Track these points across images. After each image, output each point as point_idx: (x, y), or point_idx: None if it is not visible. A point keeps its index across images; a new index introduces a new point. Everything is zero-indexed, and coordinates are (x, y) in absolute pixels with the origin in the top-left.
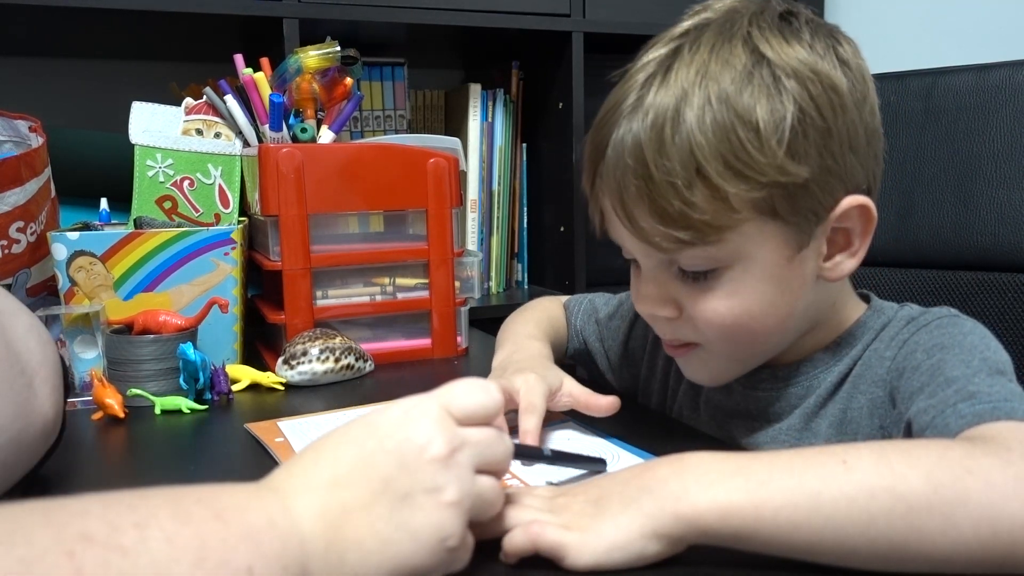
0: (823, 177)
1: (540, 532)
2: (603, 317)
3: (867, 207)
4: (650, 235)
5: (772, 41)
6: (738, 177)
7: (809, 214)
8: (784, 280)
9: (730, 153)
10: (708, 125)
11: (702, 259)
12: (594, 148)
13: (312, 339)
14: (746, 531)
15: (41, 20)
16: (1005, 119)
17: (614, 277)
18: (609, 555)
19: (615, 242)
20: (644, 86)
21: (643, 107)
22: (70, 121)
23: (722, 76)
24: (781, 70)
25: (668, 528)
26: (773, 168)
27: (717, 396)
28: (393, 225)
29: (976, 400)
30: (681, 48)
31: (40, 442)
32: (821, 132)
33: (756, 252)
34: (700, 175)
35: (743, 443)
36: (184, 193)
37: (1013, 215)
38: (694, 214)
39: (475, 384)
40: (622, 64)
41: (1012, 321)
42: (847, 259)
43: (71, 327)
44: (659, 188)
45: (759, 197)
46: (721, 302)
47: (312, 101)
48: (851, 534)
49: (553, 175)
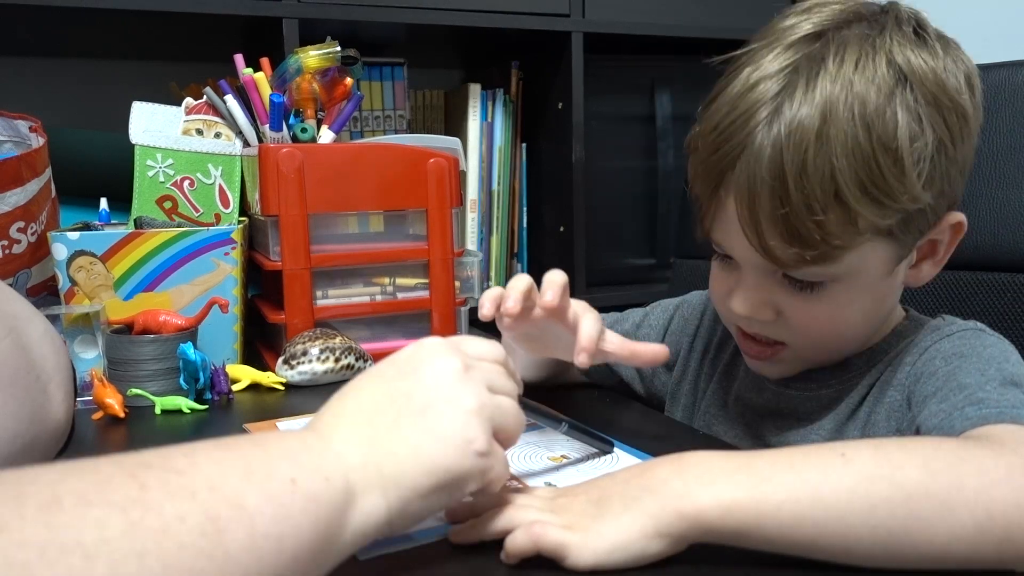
0: (939, 201)
1: (542, 532)
2: (629, 327)
3: (963, 224)
4: (775, 251)
5: (912, 60)
6: (873, 203)
7: (917, 232)
8: (881, 291)
9: (868, 180)
10: (851, 149)
11: (817, 274)
12: (722, 154)
13: (312, 339)
14: (749, 527)
15: (41, 20)
16: (1005, 119)
17: (614, 277)
18: (611, 555)
19: (716, 244)
20: (781, 94)
21: (783, 119)
22: (70, 121)
23: (867, 96)
24: (922, 94)
25: (670, 527)
26: (907, 197)
27: (748, 394)
28: (393, 225)
29: (983, 405)
30: (822, 57)
31: (52, 446)
32: (949, 162)
33: (864, 266)
34: (838, 199)
35: (773, 443)
36: (184, 193)
37: (1013, 215)
38: (824, 236)
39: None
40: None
41: (1012, 321)
42: (930, 267)
43: (71, 327)
44: (795, 209)
45: (887, 223)
46: (823, 311)
47: (312, 101)
48: (853, 524)
49: (553, 175)
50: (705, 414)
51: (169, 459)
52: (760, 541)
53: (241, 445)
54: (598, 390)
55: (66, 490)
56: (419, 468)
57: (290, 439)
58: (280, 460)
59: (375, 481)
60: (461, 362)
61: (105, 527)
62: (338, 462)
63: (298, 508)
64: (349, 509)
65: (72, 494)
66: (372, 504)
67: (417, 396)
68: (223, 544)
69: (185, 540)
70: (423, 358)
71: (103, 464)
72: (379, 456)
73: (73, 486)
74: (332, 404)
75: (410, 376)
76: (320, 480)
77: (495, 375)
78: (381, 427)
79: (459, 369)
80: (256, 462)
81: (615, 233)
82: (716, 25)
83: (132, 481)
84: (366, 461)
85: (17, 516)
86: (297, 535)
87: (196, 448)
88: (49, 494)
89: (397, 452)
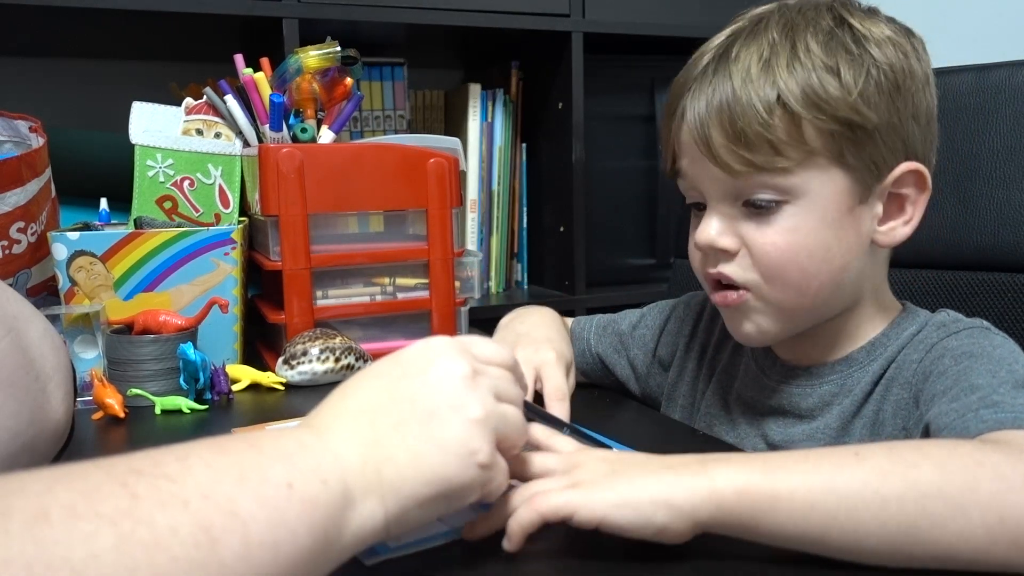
0: (888, 132)
1: (543, 500)
2: (626, 328)
3: (923, 173)
4: (724, 156)
5: (855, 15)
6: (814, 108)
7: (871, 165)
8: (841, 228)
9: (810, 90)
10: (794, 68)
11: (769, 188)
12: (678, 87)
13: (312, 339)
14: (762, 510)
15: (41, 20)
16: (1005, 119)
17: (614, 277)
18: (619, 509)
19: (682, 189)
20: (730, 37)
21: (732, 54)
22: (70, 121)
23: (808, 32)
24: (861, 34)
25: (682, 498)
26: (846, 106)
27: (749, 393)
28: (393, 225)
29: (999, 409)
30: (768, 14)
31: (52, 446)
32: (892, 87)
33: (818, 192)
34: (780, 102)
35: (777, 442)
36: (184, 193)
37: (1013, 215)
38: (768, 135)
39: (489, 340)
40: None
41: (1012, 321)
42: (901, 226)
43: (71, 327)
44: (741, 110)
45: (829, 132)
46: (780, 236)
47: (312, 101)
48: (863, 519)
49: (553, 175)
50: (706, 415)
51: (160, 464)
52: (771, 529)
53: (235, 447)
54: (598, 390)
55: (54, 502)
56: (419, 477)
57: (286, 439)
58: (275, 463)
59: (374, 486)
60: (470, 367)
61: (95, 542)
62: (336, 464)
63: (294, 513)
64: (347, 512)
65: (60, 506)
66: (370, 509)
67: (422, 400)
68: (217, 554)
69: (178, 552)
70: (431, 359)
71: (92, 471)
72: (379, 460)
73: (61, 497)
74: (332, 401)
75: (416, 377)
76: (317, 483)
77: (502, 382)
78: (383, 428)
79: (467, 375)
80: (250, 465)
81: (615, 233)
82: (716, 25)
83: (122, 490)
84: (365, 464)
85: (3, 531)
86: (293, 540)
87: (189, 451)
88: (36, 507)
89: (398, 458)
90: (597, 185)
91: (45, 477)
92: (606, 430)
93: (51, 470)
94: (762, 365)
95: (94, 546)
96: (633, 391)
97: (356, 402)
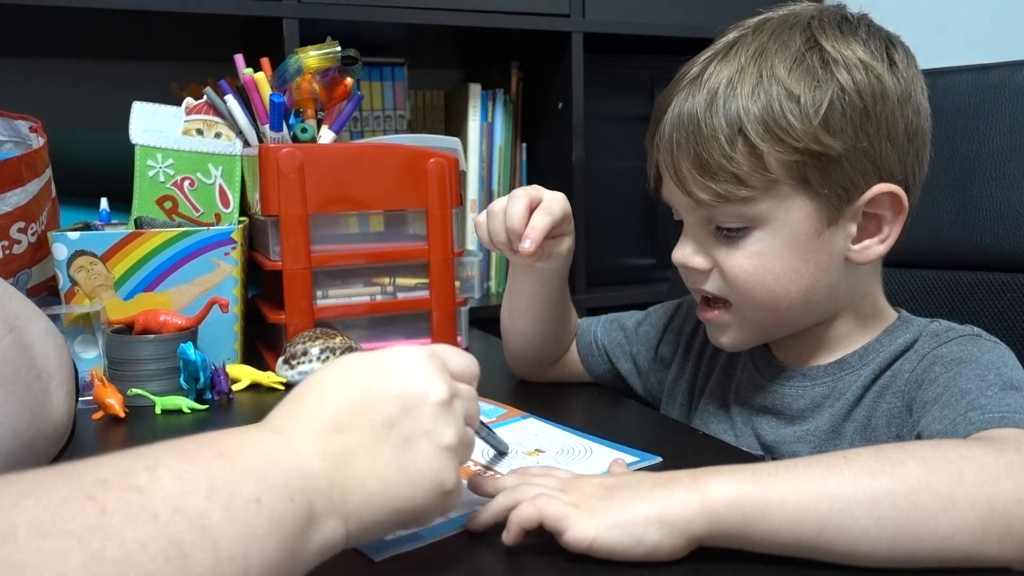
0: (856, 157)
1: (547, 503)
2: (630, 325)
3: (897, 195)
4: (691, 186)
5: (829, 33)
6: (775, 140)
7: (840, 190)
8: (809, 251)
9: (771, 119)
10: (757, 95)
11: (735, 216)
12: (657, 110)
13: (312, 339)
14: (755, 518)
15: (41, 20)
16: (1005, 119)
17: (614, 277)
18: (609, 531)
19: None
20: (706, 61)
21: (703, 78)
22: (70, 121)
23: (776, 57)
24: (831, 57)
25: (675, 513)
26: (808, 136)
27: (745, 392)
28: (393, 225)
29: (985, 410)
30: (745, 34)
31: (53, 445)
32: (859, 113)
33: (784, 217)
34: (742, 134)
35: (769, 441)
36: (184, 193)
37: (1012, 215)
38: (731, 167)
39: (459, 350)
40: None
41: (1012, 321)
42: (876, 244)
43: (72, 327)
44: (705, 141)
45: (792, 161)
46: (747, 259)
47: (312, 101)
48: (857, 517)
49: (553, 175)
50: (703, 412)
51: (129, 473)
52: (765, 536)
53: (206, 456)
54: (598, 389)
55: (21, 519)
56: (386, 507)
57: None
58: (245, 476)
59: (339, 508)
60: (448, 391)
61: (63, 560)
62: (304, 483)
63: (263, 529)
64: (311, 529)
65: (27, 524)
66: (332, 529)
67: (400, 425)
68: (187, 568)
69: (149, 568)
70: (413, 378)
71: (60, 483)
72: (347, 484)
73: (29, 513)
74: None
75: (398, 398)
76: (285, 500)
77: (471, 404)
78: (356, 449)
79: (445, 400)
80: (220, 478)
81: (615, 233)
82: (716, 25)
83: (91, 504)
84: (332, 487)
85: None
86: (263, 555)
87: (158, 458)
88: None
89: (366, 485)
90: (597, 185)
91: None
92: (606, 430)
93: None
94: (758, 364)
95: (63, 566)
96: (635, 387)
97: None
